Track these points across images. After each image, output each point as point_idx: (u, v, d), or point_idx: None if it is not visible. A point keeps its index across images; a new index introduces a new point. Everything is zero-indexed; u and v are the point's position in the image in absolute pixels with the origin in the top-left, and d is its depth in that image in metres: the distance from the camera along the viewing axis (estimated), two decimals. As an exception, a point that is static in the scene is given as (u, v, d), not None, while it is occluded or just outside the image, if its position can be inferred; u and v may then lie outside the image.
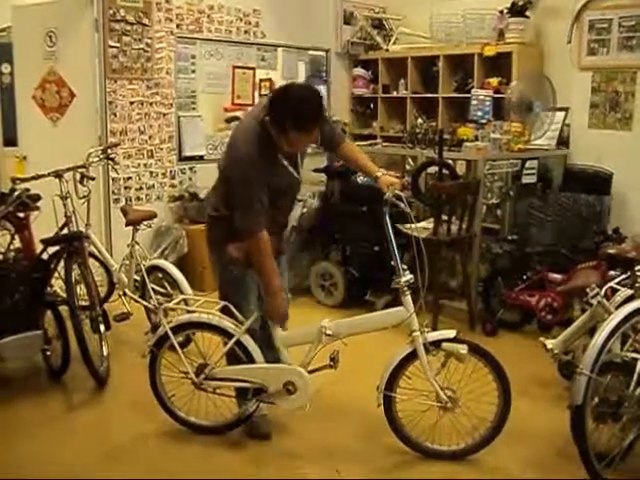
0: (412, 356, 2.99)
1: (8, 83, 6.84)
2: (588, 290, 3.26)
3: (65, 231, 4.23)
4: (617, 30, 5.21)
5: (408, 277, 2.98)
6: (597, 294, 3.21)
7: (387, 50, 6.98)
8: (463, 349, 2.91)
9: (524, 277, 4.57)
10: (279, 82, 6.67)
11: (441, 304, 4.86)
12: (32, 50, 5.59)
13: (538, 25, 5.90)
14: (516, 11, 5.81)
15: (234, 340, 3.12)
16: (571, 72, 5.54)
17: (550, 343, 3.53)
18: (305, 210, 5.48)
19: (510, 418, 3.05)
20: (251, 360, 3.13)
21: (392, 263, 3.01)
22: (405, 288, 2.98)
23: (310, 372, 3.08)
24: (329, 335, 3.02)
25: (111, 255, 4.77)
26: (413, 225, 3.11)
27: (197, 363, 3.23)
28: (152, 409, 3.41)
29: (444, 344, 2.94)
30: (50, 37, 5.50)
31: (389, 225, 3.01)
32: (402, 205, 3.02)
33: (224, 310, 3.16)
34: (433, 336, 2.98)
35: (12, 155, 6.20)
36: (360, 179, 5.25)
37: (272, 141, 2.93)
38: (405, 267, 2.99)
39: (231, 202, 3.00)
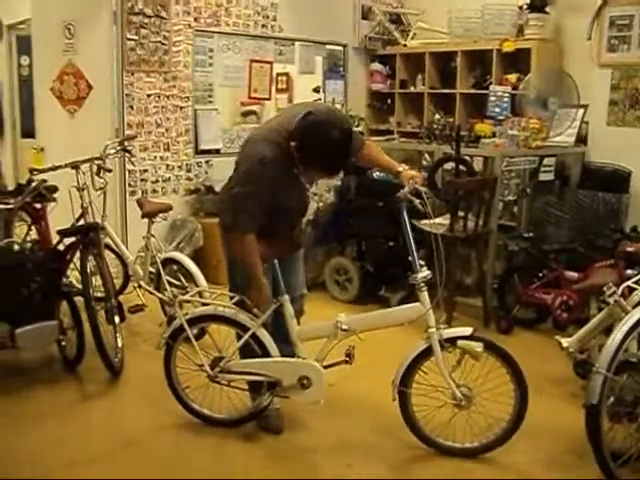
0: (427, 352, 2.98)
1: (27, 75, 6.89)
2: (605, 289, 3.22)
3: (81, 222, 4.25)
4: (638, 26, 5.16)
5: (425, 273, 2.96)
6: (614, 293, 3.17)
7: (405, 45, 6.96)
8: (479, 347, 2.88)
9: (540, 275, 4.54)
10: (296, 76, 6.69)
11: (456, 301, 4.84)
12: (51, 42, 5.61)
13: (558, 21, 5.85)
14: (536, 7, 5.78)
15: (250, 333, 3.11)
16: (591, 69, 5.49)
17: (566, 341, 3.50)
18: (320, 205, 5.48)
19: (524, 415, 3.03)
20: (266, 354, 3.13)
21: (409, 259, 3.00)
22: (422, 284, 2.96)
23: (325, 367, 3.07)
24: (345, 330, 3.00)
25: (127, 247, 4.79)
26: (431, 221, 3.08)
27: (212, 356, 3.23)
28: (166, 400, 3.42)
29: (459, 342, 2.92)
30: (69, 29, 5.51)
31: (406, 221, 2.99)
32: (416, 202, 2.99)
33: (240, 303, 3.16)
34: (449, 333, 2.96)
35: (30, 147, 6.25)
36: (376, 174, 5.23)
37: (292, 157, 2.88)
38: (422, 263, 2.98)
39: (231, 195, 2.98)
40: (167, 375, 3.35)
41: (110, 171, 4.46)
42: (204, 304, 3.37)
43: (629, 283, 3.26)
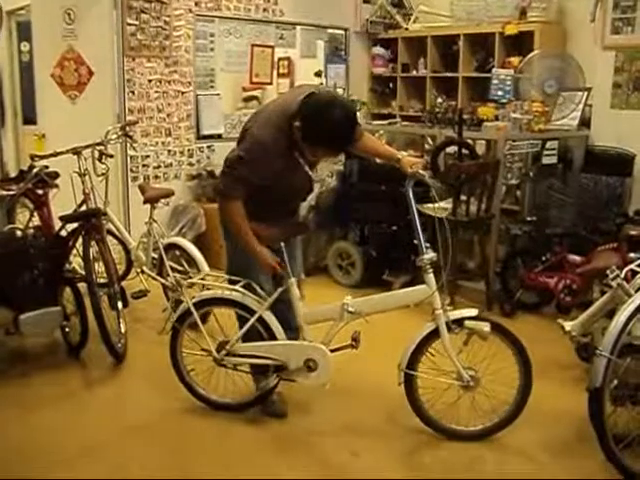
0: (434, 334, 2.98)
1: (27, 61, 6.86)
2: (608, 272, 3.21)
3: (83, 208, 4.25)
4: (642, 8, 5.11)
5: (431, 255, 2.96)
6: (617, 276, 3.16)
7: (407, 29, 6.92)
8: (486, 326, 2.89)
9: (543, 258, 4.53)
10: (297, 61, 6.65)
11: (458, 284, 4.84)
12: (51, 28, 5.58)
13: (561, 3, 5.81)
14: (539, -11, 5.73)
15: (257, 316, 3.11)
16: (594, 51, 5.44)
17: (568, 325, 3.50)
18: (323, 189, 5.47)
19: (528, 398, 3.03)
20: (272, 337, 3.13)
21: (415, 241, 3.00)
22: (428, 266, 2.97)
23: (332, 351, 3.07)
24: (351, 312, 3.01)
25: (129, 233, 4.80)
26: (437, 204, 3.08)
27: (218, 340, 3.23)
28: (169, 385, 3.43)
29: (467, 322, 2.93)
30: (69, 15, 5.48)
31: (413, 202, 2.99)
32: (430, 181, 3.03)
33: (246, 286, 3.15)
34: (455, 314, 2.96)
35: (31, 133, 6.24)
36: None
37: (293, 140, 2.92)
38: (428, 245, 2.98)
39: (227, 160, 3.03)
40: (173, 359, 3.35)
41: (112, 157, 4.46)
42: (206, 288, 3.37)
43: (632, 266, 3.26)
